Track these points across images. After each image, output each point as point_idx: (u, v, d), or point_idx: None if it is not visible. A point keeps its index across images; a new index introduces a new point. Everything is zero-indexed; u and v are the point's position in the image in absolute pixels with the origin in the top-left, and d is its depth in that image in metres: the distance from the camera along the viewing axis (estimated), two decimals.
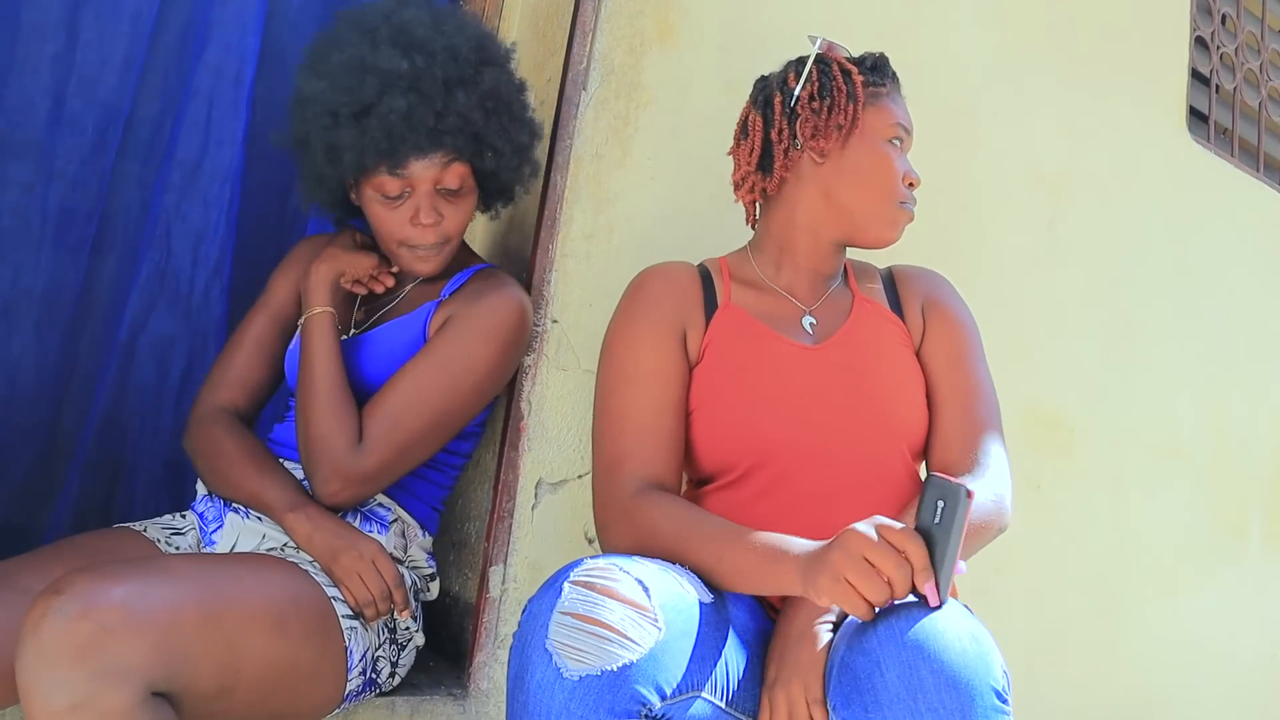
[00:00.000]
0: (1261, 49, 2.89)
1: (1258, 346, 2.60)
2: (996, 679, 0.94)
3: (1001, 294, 2.07)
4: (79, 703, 0.93)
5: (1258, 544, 2.56)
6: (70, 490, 1.55)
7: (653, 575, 1.02)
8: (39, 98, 1.55)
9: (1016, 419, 2.05)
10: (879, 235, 1.41)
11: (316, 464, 1.30)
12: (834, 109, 1.38)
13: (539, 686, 0.94)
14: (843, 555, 0.97)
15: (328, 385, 1.33)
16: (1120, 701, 2.24)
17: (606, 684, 0.92)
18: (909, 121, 1.43)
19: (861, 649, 0.97)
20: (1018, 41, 2.15)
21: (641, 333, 1.33)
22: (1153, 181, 2.38)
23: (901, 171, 1.39)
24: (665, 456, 1.29)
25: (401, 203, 1.38)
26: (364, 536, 1.30)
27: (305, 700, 1.19)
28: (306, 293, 1.41)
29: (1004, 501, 1.27)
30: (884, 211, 1.39)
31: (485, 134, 1.39)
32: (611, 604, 0.96)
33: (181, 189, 1.64)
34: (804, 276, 1.44)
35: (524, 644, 0.97)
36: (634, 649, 0.94)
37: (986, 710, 0.92)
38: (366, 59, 1.33)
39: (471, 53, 1.38)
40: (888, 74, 1.44)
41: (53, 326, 1.57)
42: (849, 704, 0.96)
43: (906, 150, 1.43)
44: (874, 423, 1.32)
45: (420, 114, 1.33)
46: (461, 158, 1.38)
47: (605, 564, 1.01)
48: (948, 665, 0.92)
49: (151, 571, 1.05)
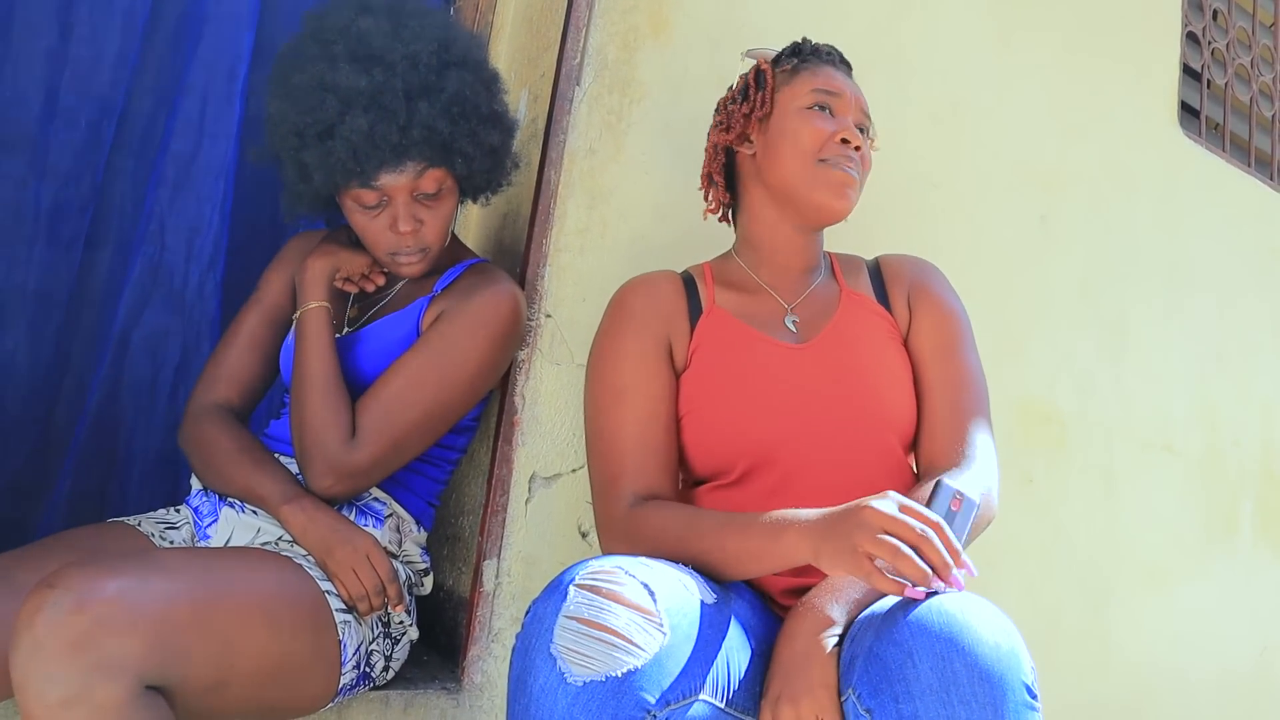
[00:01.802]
0: (1252, 44, 2.90)
1: (1249, 341, 2.61)
2: (1026, 674, 0.94)
3: (994, 288, 2.08)
4: (73, 696, 0.94)
5: (1249, 538, 2.57)
6: (64, 485, 1.55)
7: (657, 578, 1.02)
8: (32, 93, 1.55)
9: (1009, 413, 2.06)
10: (816, 202, 1.36)
11: (310, 457, 1.31)
12: (748, 101, 1.44)
13: (542, 691, 0.93)
14: (861, 530, 0.98)
15: (322, 379, 1.34)
16: (1112, 695, 2.25)
17: (611, 690, 0.92)
18: (836, 84, 1.40)
19: (893, 640, 0.96)
20: (1009, 37, 2.15)
21: (626, 349, 1.33)
22: (1144, 176, 2.39)
23: (828, 131, 1.36)
24: (658, 470, 1.29)
25: (380, 211, 1.39)
26: (359, 531, 1.30)
27: (299, 694, 1.20)
28: (302, 287, 1.41)
29: (991, 493, 1.27)
30: (806, 173, 1.36)
31: (453, 141, 1.38)
32: (617, 609, 0.95)
33: (175, 184, 1.64)
34: (783, 274, 1.44)
35: (527, 647, 0.96)
36: (639, 655, 0.94)
37: (1018, 705, 0.92)
38: (325, 78, 1.33)
39: (433, 58, 1.37)
40: (805, 51, 1.44)
41: (46, 321, 1.57)
42: (877, 693, 0.96)
43: (841, 112, 1.39)
44: (862, 418, 1.32)
45: (383, 131, 1.32)
46: (435, 164, 1.38)
47: (611, 566, 1.00)
48: (981, 659, 0.92)
49: (145, 565, 1.05)
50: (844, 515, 1.02)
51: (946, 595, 0.99)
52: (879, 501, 1.01)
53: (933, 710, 0.91)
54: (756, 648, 1.13)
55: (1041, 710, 0.95)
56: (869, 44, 1.81)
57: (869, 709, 0.97)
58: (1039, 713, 0.94)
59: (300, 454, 1.32)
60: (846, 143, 1.36)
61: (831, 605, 1.10)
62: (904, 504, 1.01)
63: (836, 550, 1.01)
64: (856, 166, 1.37)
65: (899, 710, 0.93)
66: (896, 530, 0.98)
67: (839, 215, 1.38)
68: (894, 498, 1.02)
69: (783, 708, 1.04)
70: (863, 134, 1.41)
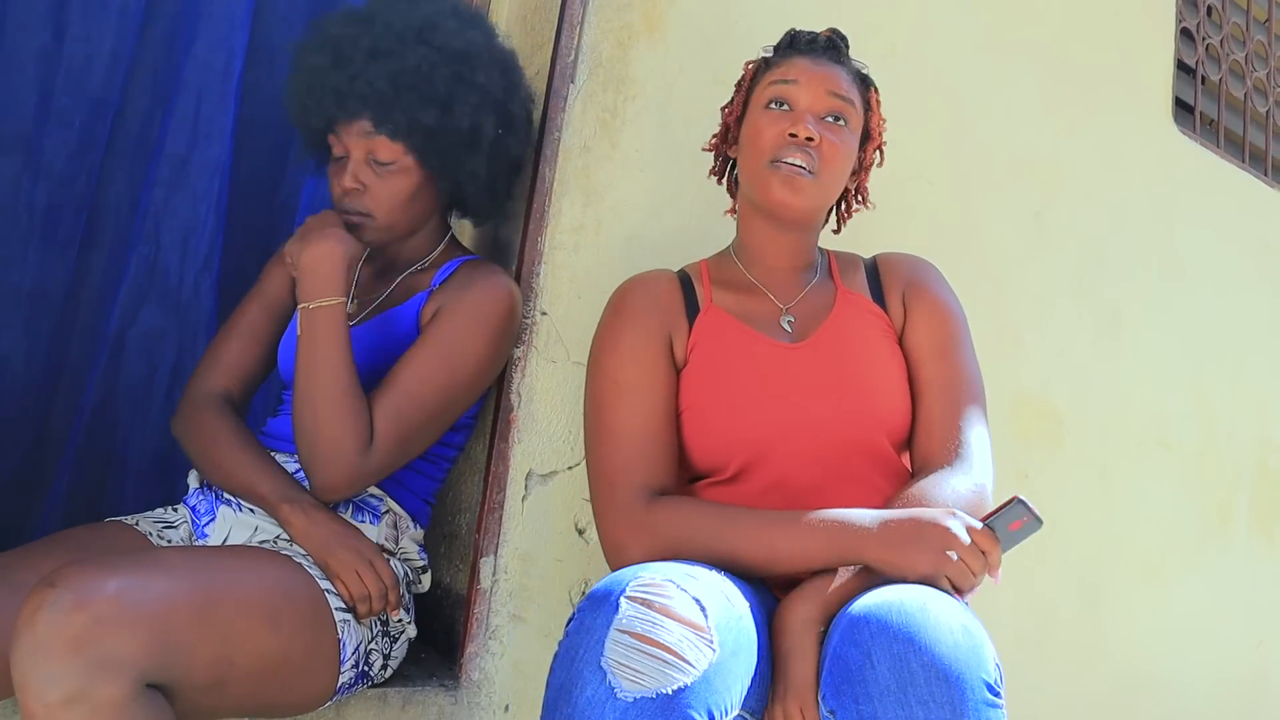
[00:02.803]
0: (1246, 40, 2.90)
1: (1244, 336, 2.61)
2: (988, 671, 0.94)
3: (989, 284, 2.08)
4: (74, 695, 0.94)
5: (1244, 533, 2.58)
6: (60, 485, 1.55)
7: (706, 591, 1.01)
8: (26, 93, 1.55)
9: (1004, 409, 2.06)
10: (772, 202, 1.34)
11: (325, 462, 1.28)
12: (729, 105, 1.46)
13: (589, 704, 0.92)
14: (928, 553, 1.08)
15: (343, 383, 1.30)
16: (1107, 689, 2.25)
17: (660, 707, 0.91)
18: (795, 72, 1.35)
19: (853, 641, 0.97)
20: (1004, 33, 2.15)
21: (627, 345, 1.33)
22: (1139, 172, 2.39)
23: (779, 130, 1.33)
24: (666, 465, 1.29)
25: (341, 165, 1.43)
26: (360, 534, 1.31)
27: (298, 692, 1.20)
28: (317, 276, 1.33)
29: (985, 492, 1.26)
30: (760, 176, 1.35)
31: (394, 106, 1.38)
32: (670, 624, 0.95)
33: (170, 183, 1.64)
34: (774, 273, 1.43)
35: (573, 657, 0.95)
36: (690, 672, 0.93)
37: (977, 703, 0.92)
38: (325, 25, 1.43)
39: (411, 31, 1.40)
40: (781, 44, 1.42)
41: (42, 322, 1.57)
42: (839, 695, 0.96)
43: (798, 102, 1.34)
44: (856, 419, 1.31)
45: (333, 77, 1.38)
46: (382, 128, 1.40)
47: (661, 579, 0.99)
48: (939, 658, 0.92)
49: (145, 564, 1.05)
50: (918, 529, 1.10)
51: (909, 593, 1.00)
52: (952, 522, 1.09)
53: (891, 712, 0.92)
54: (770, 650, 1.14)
55: (1005, 707, 0.95)
56: (862, 41, 1.80)
57: (832, 710, 0.98)
58: (1002, 709, 0.94)
59: (311, 458, 1.29)
60: (795, 137, 1.32)
61: (816, 599, 1.12)
62: (971, 527, 1.10)
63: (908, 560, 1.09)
64: (811, 160, 1.32)
65: (859, 711, 0.94)
66: (967, 559, 1.08)
67: (794, 212, 1.34)
68: (962, 519, 1.10)
69: (775, 708, 1.07)
70: (837, 120, 1.35)
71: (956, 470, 1.27)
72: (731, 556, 1.16)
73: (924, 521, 1.10)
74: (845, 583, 1.12)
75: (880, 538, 1.11)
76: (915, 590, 1.01)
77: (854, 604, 1.03)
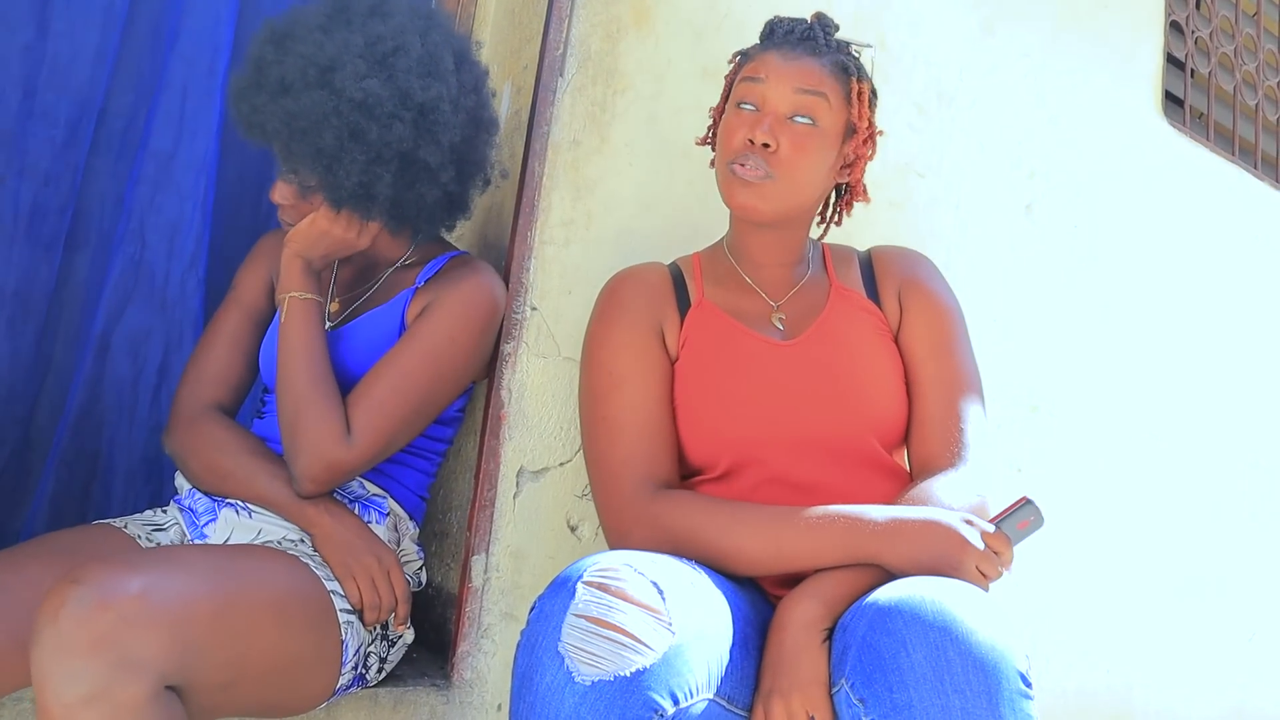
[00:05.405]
0: (1236, 33, 2.90)
1: (1234, 329, 2.62)
2: (1022, 664, 0.95)
3: (980, 278, 2.08)
4: (95, 694, 0.92)
5: (1239, 525, 2.58)
6: (46, 486, 1.53)
7: (666, 575, 1.01)
8: (9, 90, 1.53)
9: (996, 402, 2.05)
10: (730, 204, 1.33)
11: (303, 456, 1.28)
12: (716, 105, 1.45)
13: (549, 689, 0.92)
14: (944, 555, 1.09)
15: (314, 375, 1.32)
16: (1101, 684, 2.25)
17: (619, 689, 0.91)
18: (762, 69, 1.32)
19: (886, 630, 0.96)
20: (994, 25, 2.15)
21: (621, 336, 1.32)
22: (1129, 165, 2.39)
23: (738, 133, 1.30)
24: (666, 455, 1.28)
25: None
26: (383, 544, 1.31)
27: (299, 692, 1.19)
28: (280, 277, 1.39)
29: (985, 502, 1.25)
30: (722, 177, 1.34)
31: (287, 151, 1.34)
32: (626, 607, 0.95)
33: (155, 181, 1.62)
34: (765, 269, 1.42)
35: (533, 644, 0.96)
36: (648, 654, 0.93)
37: (1012, 693, 0.92)
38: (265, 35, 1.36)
39: (313, 69, 1.29)
40: (762, 36, 1.40)
41: (26, 321, 1.56)
42: (870, 683, 0.95)
43: (768, 104, 1.31)
44: (847, 417, 1.30)
45: (247, 101, 1.34)
46: (285, 178, 1.38)
47: (618, 564, 0.99)
48: (976, 647, 0.92)
49: (167, 562, 1.05)
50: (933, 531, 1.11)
51: (941, 584, 0.99)
52: (967, 530, 1.10)
53: (927, 699, 0.91)
54: (756, 641, 1.13)
55: (1036, 699, 0.95)
56: (853, 33, 1.80)
57: (861, 699, 0.96)
58: (1033, 701, 0.94)
59: (291, 451, 1.30)
60: (752, 142, 1.29)
61: (821, 597, 1.10)
62: (985, 533, 1.11)
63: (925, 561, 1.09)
64: (768, 165, 1.28)
65: (893, 699, 0.93)
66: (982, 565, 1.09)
67: (758, 215, 1.31)
68: (977, 523, 1.12)
69: (774, 703, 1.04)
70: (806, 119, 1.30)
71: (959, 472, 1.26)
72: (736, 551, 1.15)
73: (939, 524, 1.11)
74: (850, 580, 1.11)
75: (894, 537, 1.11)
76: (945, 582, 1.01)
77: (876, 596, 1.02)
